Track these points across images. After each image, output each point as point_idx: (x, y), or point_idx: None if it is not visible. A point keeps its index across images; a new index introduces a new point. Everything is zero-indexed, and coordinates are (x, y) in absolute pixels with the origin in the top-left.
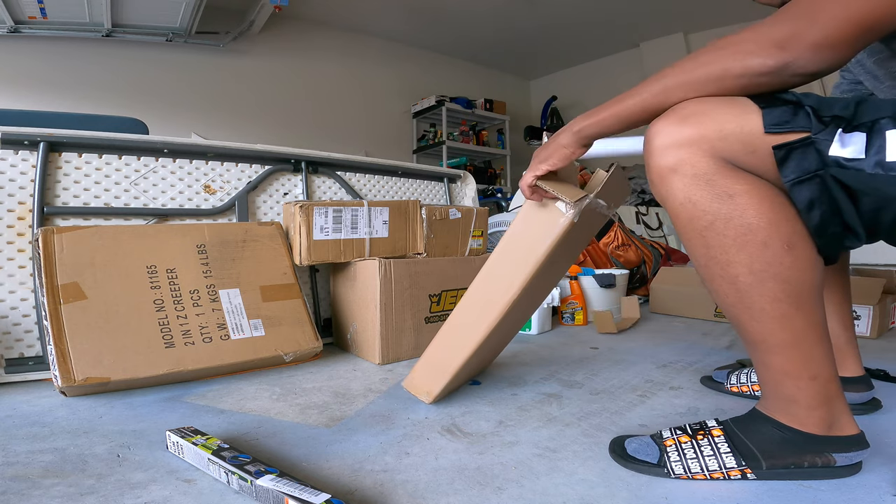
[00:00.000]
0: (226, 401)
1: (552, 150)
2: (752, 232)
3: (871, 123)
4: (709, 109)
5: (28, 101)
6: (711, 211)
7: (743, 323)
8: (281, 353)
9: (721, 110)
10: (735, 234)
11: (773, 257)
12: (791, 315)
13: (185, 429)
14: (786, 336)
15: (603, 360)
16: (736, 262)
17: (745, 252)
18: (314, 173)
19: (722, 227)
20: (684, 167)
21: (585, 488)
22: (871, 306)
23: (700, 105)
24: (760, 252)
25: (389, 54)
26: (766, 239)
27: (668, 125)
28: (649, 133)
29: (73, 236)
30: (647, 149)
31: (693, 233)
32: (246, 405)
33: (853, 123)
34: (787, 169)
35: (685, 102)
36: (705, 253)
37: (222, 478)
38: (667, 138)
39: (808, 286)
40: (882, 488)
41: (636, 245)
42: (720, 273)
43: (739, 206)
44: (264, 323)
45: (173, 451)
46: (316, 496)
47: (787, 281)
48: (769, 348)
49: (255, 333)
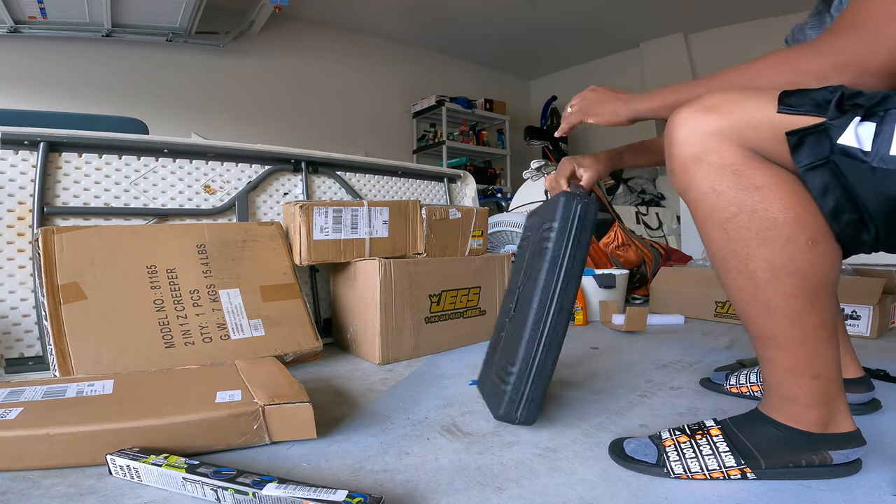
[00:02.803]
0: None
1: (605, 110)
2: (778, 226)
3: (883, 113)
4: (739, 98)
5: (28, 101)
6: (737, 202)
7: (753, 318)
8: (281, 353)
9: (751, 100)
10: (759, 227)
11: (796, 253)
12: (805, 312)
13: (129, 449)
14: (796, 333)
15: (603, 360)
16: (757, 257)
17: (768, 247)
18: (314, 173)
19: (746, 220)
20: (710, 156)
21: (585, 488)
22: (871, 306)
23: (728, 95)
24: (783, 247)
25: (389, 54)
26: (791, 234)
27: (694, 114)
28: (673, 121)
29: (73, 236)
30: (670, 137)
31: (713, 224)
32: None
33: (870, 111)
34: (800, 154)
35: (711, 94)
36: (725, 245)
37: (208, 495)
38: (693, 126)
39: (826, 283)
40: (882, 488)
41: (636, 245)
42: (738, 267)
43: (767, 199)
44: (264, 323)
45: (121, 476)
46: (333, 494)
47: (807, 277)
48: (777, 345)
49: (255, 333)
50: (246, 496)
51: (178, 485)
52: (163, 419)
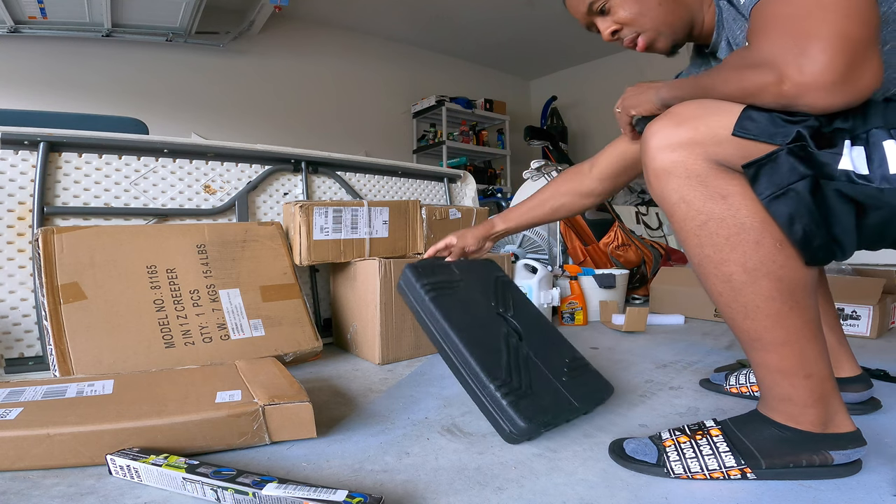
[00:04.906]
0: None
1: (641, 101)
2: (745, 231)
3: (865, 135)
4: (704, 114)
5: (28, 101)
6: (705, 211)
7: (737, 321)
8: (281, 353)
9: (716, 116)
10: (728, 233)
11: (766, 255)
12: (785, 313)
13: (129, 449)
14: (780, 334)
15: (603, 360)
16: (729, 261)
17: (739, 251)
18: (314, 173)
19: (715, 227)
20: (678, 168)
21: (585, 488)
22: (871, 306)
23: (697, 109)
24: (753, 250)
25: (389, 54)
26: (759, 238)
27: (665, 127)
28: (646, 134)
29: (72, 236)
30: (644, 149)
31: (687, 232)
32: None
33: (854, 135)
34: (759, 186)
35: (685, 104)
36: (699, 252)
37: (208, 495)
38: (663, 140)
39: (801, 284)
40: (882, 488)
41: (636, 245)
42: (714, 271)
43: (733, 206)
44: (264, 323)
45: (121, 476)
46: (333, 494)
47: (781, 279)
48: (764, 346)
49: (255, 333)
50: (246, 496)
51: (178, 485)
52: (163, 419)
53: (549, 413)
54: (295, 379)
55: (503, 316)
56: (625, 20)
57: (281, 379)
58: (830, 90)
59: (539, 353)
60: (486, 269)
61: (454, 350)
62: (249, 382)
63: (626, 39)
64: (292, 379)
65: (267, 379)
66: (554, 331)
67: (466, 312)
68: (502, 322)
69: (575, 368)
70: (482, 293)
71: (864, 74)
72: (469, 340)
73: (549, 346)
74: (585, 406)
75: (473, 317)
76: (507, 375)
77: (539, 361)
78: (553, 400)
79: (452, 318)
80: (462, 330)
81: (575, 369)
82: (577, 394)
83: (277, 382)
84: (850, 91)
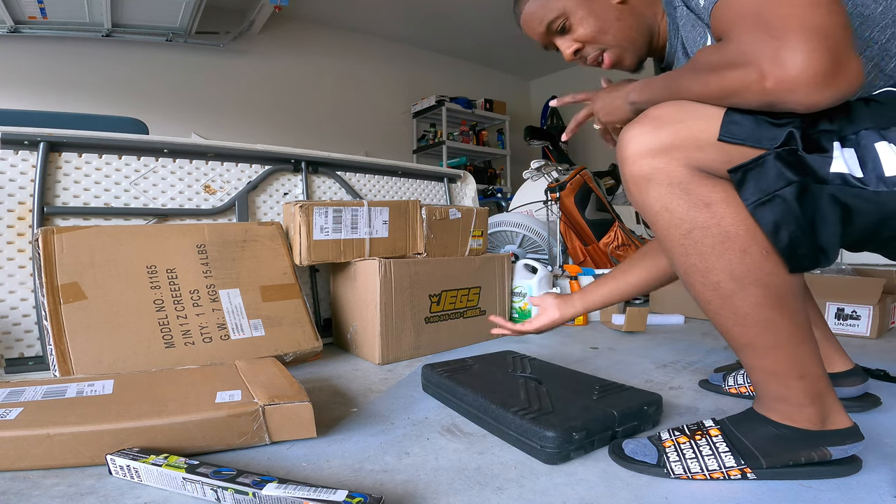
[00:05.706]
0: None
1: (614, 111)
2: (731, 240)
3: (854, 137)
4: (684, 118)
5: (28, 101)
6: (689, 219)
7: (728, 328)
8: (281, 353)
9: (697, 120)
10: (713, 241)
11: (753, 263)
12: (774, 319)
13: (129, 449)
14: (770, 339)
15: (603, 360)
16: (716, 270)
17: (725, 259)
18: (314, 173)
19: (700, 236)
20: (659, 176)
21: (585, 488)
22: (871, 306)
23: (676, 112)
24: (740, 259)
25: (389, 54)
26: (745, 246)
27: (643, 133)
28: (623, 139)
29: (72, 236)
30: (621, 156)
31: (672, 241)
32: None
33: (842, 136)
34: (745, 191)
35: (662, 106)
36: (685, 261)
37: (208, 495)
38: (641, 145)
39: (790, 289)
40: (882, 488)
41: (636, 245)
42: (701, 280)
43: (717, 215)
44: (264, 323)
45: (121, 476)
46: (333, 494)
47: (769, 286)
48: (755, 351)
49: (256, 333)
50: (246, 496)
51: (178, 485)
52: (163, 419)
53: (578, 420)
54: (295, 379)
55: (521, 375)
56: (586, 38)
57: (281, 379)
58: (819, 85)
59: (563, 387)
60: (500, 355)
61: (472, 402)
62: (249, 382)
63: (589, 57)
64: (292, 379)
65: (267, 379)
66: (581, 373)
67: (482, 377)
68: (520, 377)
69: (607, 389)
70: (498, 367)
71: (849, 66)
72: (485, 389)
73: (574, 381)
74: (622, 413)
75: (490, 379)
76: (527, 403)
77: (563, 393)
78: (581, 411)
79: (470, 382)
80: (478, 387)
81: (607, 389)
82: (611, 405)
83: (277, 382)
84: (838, 85)
